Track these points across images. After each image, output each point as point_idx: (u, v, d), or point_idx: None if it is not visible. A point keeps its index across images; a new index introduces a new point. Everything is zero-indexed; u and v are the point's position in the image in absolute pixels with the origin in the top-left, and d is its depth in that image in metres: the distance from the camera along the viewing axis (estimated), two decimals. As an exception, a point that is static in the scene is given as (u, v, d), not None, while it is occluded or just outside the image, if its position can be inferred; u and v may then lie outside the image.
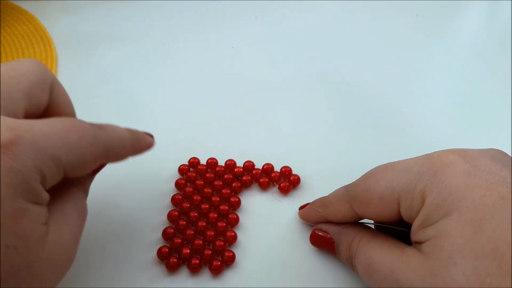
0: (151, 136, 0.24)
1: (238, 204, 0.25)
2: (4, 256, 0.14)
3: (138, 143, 0.22)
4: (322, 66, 0.36)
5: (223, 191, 0.26)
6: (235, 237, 0.24)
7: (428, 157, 0.18)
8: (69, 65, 0.36)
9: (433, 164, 0.17)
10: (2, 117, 0.16)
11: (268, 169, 0.27)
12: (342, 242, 0.21)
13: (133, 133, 0.21)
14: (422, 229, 0.17)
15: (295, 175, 0.27)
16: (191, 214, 0.24)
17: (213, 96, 0.33)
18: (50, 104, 0.20)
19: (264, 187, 0.26)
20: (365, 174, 0.20)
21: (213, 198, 0.25)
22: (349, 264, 0.20)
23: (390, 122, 0.31)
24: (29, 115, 0.19)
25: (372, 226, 0.22)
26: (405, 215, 0.18)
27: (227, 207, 0.25)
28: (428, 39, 0.38)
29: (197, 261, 0.23)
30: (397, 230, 0.20)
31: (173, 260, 0.23)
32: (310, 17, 0.41)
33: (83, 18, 0.41)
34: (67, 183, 0.18)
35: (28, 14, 0.41)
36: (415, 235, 0.17)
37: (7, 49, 0.38)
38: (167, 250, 0.23)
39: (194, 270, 0.23)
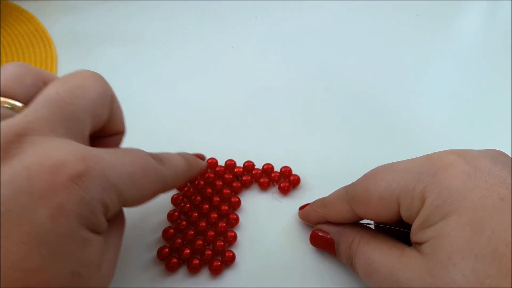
0: (203, 157, 0.25)
1: (238, 204, 0.25)
2: (69, 283, 0.14)
3: (192, 171, 0.23)
4: (322, 66, 0.36)
5: (224, 191, 0.26)
6: (235, 237, 0.24)
7: (428, 157, 0.18)
8: (69, 65, 0.36)
9: (433, 164, 0.17)
10: (74, 144, 0.16)
11: (268, 169, 0.27)
12: (342, 243, 0.21)
13: (188, 161, 0.22)
14: (422, 230, 0.17)
15: (295, 175, 0.27)
16: (192, 214, 0.24)
17: (213, 96, 0.33)
18: (108, 119, 0.20)
19: (264, 187, 0.26)
20: (365, 174, 0.20)
21: (214, 198, 0.25)
22: (349, 264, 0.20)
23: (390, 122, 0.31)
24: (91, 133, 0.19)
25: (372, 226, 0.22)
26: (404, 215, 0.18)
27: (227, 207, 0.25)
28: (428, 39, 0.38)
29: (197, 262, 0.23)
30: (397, 230, 0.20)
31: (173, 260, 0.23)
32: (310, 17, 0.41)
33: (83, 18, 0.41)
34: None
35: (28, 14, 0.41)
36: (415, 236, 0.17)
37: (7, 49, 0.38)
38: (167, 250, 0.23)
39: (194, 271, 0.23)
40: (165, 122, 0.31)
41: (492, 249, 0.14)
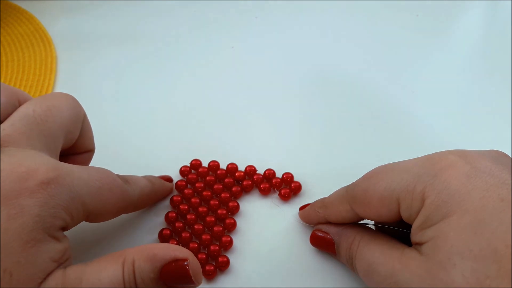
0: (170, 180, 0.26)
1: (236, 209, 0.25)
2: None
3: (157, 193, 0.24)
4: (323, 67, 0.36)
5: (222, 195, 0.25)
6: (231, 242, 0.23)
7: (428, 158, 0.18)
8: (69, 65, 0.36)
9: (433, 165, 0.17)
10: (48, 157, 0.17)
11: (269, 175, 0.26)
12: (342, 243, 0.21)
13: (153, 183, 0.23)
14: (422, 230, 0.17)
15: (296, 182, 0.26)
16: (188, 216, 0.24)
17: (213, 96, 0.33)
18: (79, 137, 0.21)
19: (264, 193, 0.26)
20: (366, 174, 0.20)
21: (212, 202, 0.25)
22: (349, 265, 0.20)
23: (391, 124, 0.31)
24: (62, 150, 0.20)
25: (373, 227, 0.22)
26: (404, 215, 0.18)
27: (225, 212, 0.25)
28: (428, 39, 0.38)
29: None
30: (397, 231, 0.20)
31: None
32: (310, 18, 0.41)
33: (83, 18, 0.41)
34: None
35: (28, 14, 0.41)
36: (414, 236, 0.17)
37: (7, 49, 0.38)
38: None
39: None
40: (164, 122, 0.31)
41: (492, 250, 0.14)
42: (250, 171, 0.27)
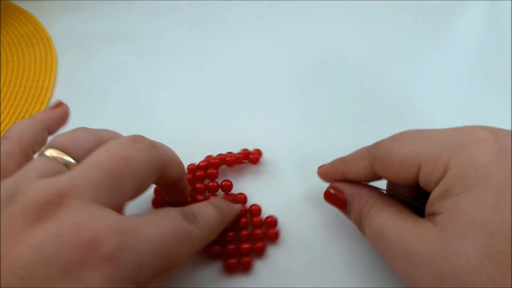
0: (238, 199, 0.24)
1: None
2: None
3: (226, 221, 0.22)
4: (323, 67, 0.36)
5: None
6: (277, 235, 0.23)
7: (459, 130, 0.18)
8: (69, 65, 0.36)
9: (463, 137, 0.17)
10: (112, 215, 0.15)
11: (254, 211, 0.25)
12: (355, 204, 0.21)
13: (221, 211, 0.21)
14: (441, 200, 0.17)
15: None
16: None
17: (213, 96, 0.33)
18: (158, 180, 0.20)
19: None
20: (392, 135, 0.20)
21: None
22: (358, 225, 0.21)
23: (392, 124, 0.31)
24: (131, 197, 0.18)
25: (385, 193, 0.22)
26: (422, 181, 0.18)
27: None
28: (428, 39, 0.39)
29: (234, 261, 0.22)
30: (409, 203, 0.20)
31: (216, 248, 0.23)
32: (310, 18, 0.41)
33: (83, 18, 0.41)
34: None
35: (28, 14, 0.41)
36: (432, 206, 0.17)
37: (7, 49, 0.38)
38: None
39: (229, 270, 0.22)
40: (165, 122, 0.31)
41: (506, 228, 0.15)
42: (255, 210, 0.25)
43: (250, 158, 0.27)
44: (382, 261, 0.22)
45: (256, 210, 0.24)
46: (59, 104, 0.23)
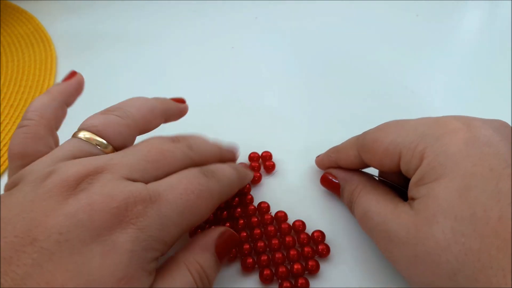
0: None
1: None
2: None
3: (242, 183, 0.23)
4: (323, 67, 0.36)
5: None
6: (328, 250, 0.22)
7: (435, 120, 0.19)
8: (69, 65, 0.36)
9: (438, 128, 0.18)
10: (137, 185, 0.17)
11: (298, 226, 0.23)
12: (346, 188, 0.23)
13: (238, 172, 0.22)
14: (417, 187, 0.18)
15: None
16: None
17: (213, 96, 0.33)
18: None
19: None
20: (378, 125, 0.21)
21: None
22: (349, 207, 0.22)
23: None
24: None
25: (376, 178, 0.23)
26: (403, 169, 0.19)
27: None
28: (428, 39, 0.39)
29: (269, 272, 0.21)
30: (398, 188, 0.22)
31: (250, 260, 0.21)
32: (310, 18, 0.41)
33: (83, 18, 0.41)
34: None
35: (28, 14, 0.41)
36: (411, 192, 0.18)
37: (7, 49, 0.38)
38: (248, 246, 0.22)
39: (266, 282, 0.21)
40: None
41: (471, 212, 0.16)
42: (299, 226, 0.23)
43: (266, 166, 0.27)
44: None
45: (300, 226, 0.23)
46: (72, 73, 0.23)
